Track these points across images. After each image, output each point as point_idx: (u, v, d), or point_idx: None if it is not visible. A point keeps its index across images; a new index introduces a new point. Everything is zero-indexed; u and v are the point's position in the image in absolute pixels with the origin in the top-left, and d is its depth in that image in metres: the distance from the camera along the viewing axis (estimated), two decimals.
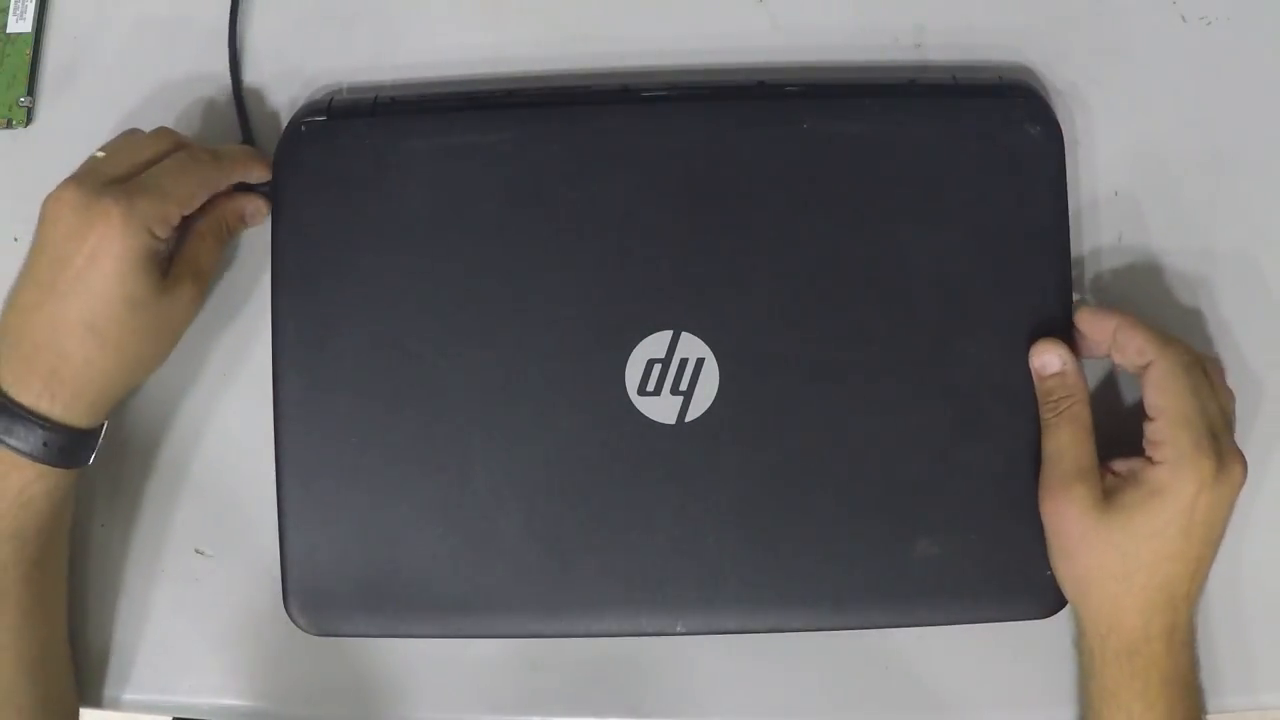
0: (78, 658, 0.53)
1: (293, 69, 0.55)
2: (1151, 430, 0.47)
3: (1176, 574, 0.47)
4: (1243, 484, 0.47)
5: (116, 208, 0.46)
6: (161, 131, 0.51)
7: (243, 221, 0.53)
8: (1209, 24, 0.54)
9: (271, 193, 0.52)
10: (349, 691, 0.53)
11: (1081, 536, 0.47)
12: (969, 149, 0.50)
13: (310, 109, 0.53)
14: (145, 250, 0.47)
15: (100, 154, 0.49)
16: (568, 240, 0.50)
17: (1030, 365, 0.50)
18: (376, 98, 0.52)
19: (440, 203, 0.51)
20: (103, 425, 0.49)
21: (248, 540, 0.53)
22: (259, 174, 0.52)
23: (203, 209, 0.50)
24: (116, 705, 0.53)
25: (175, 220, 0.48)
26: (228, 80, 0.55)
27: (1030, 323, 0.50)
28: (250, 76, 0.55)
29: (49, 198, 0.47)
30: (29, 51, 0.56)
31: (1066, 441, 0.49)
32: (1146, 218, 0.53)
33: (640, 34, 0.54)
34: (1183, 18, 0.54)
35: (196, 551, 0.53)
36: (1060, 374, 0.49)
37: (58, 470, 0.48)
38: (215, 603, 0.53)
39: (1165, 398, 0.47)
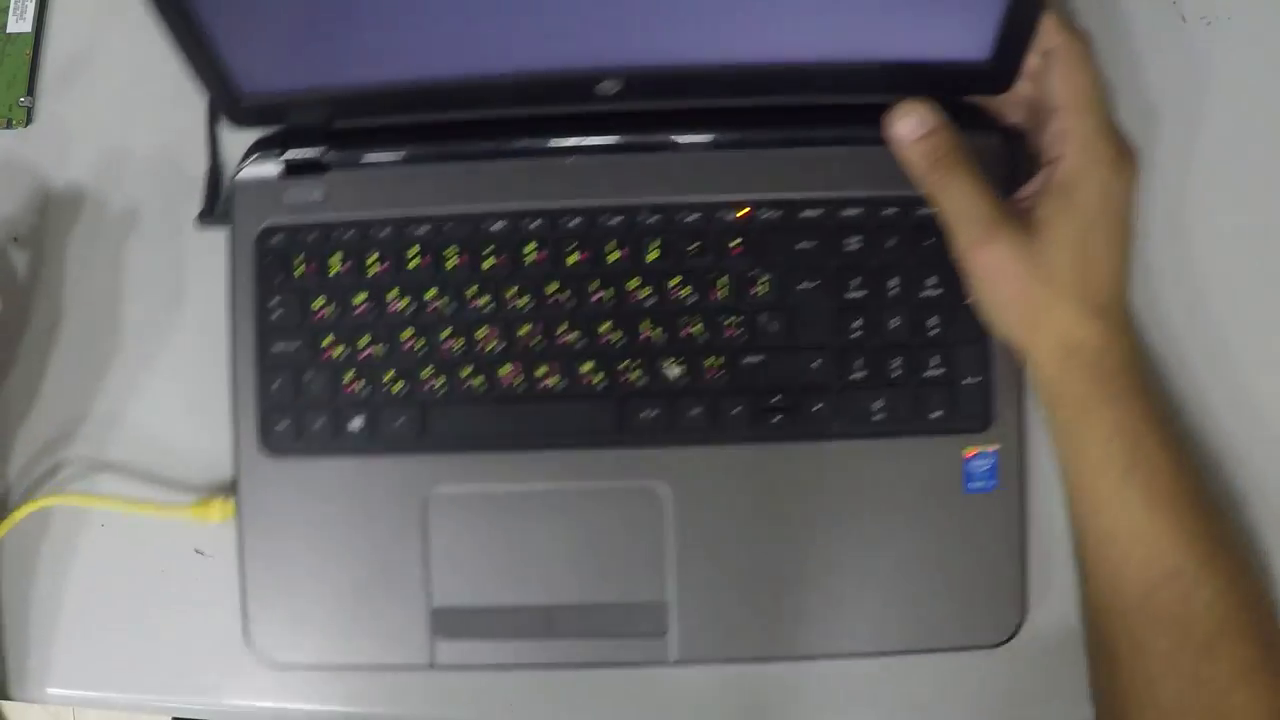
0: (77, 658, 0.53)
1: None
2: (1056, 123, 0.47)
3: (1115, 268, 0.46)
4: (1137, 176, 0.47)
5: None
6: None
7: None
8: (1209, 24, 0.54)
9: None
10: (347, 691, 0.53)
11: (1024, 271, 0.45)
12: None
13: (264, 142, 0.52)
14: None
15: None
16: None
17: (892, 137, 0.47)
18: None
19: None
20: None
21: None
22: None
23: None
24: (116, 705, 0.54)
25: None
26: None
27: None
28: None
29: None
30: (29, 51, 0.56)
31: (969, 189, 0.46)
32: (1144, 216, 0.53)
33: None
34: (1183, 18, 0.54)
35: (196, 551, 0.54)
36: (932, 131, 0.46)
37: None
38: (215, 603, 0.53)
39: (1070, 86, 0.46)
